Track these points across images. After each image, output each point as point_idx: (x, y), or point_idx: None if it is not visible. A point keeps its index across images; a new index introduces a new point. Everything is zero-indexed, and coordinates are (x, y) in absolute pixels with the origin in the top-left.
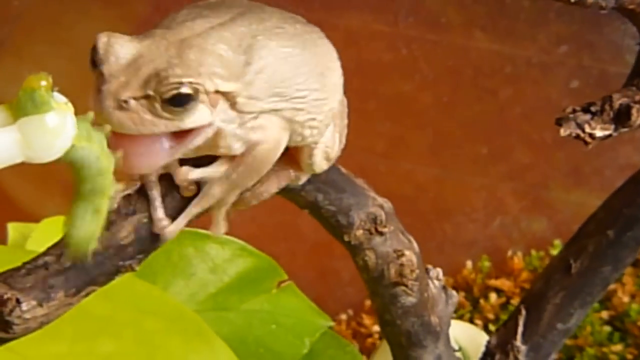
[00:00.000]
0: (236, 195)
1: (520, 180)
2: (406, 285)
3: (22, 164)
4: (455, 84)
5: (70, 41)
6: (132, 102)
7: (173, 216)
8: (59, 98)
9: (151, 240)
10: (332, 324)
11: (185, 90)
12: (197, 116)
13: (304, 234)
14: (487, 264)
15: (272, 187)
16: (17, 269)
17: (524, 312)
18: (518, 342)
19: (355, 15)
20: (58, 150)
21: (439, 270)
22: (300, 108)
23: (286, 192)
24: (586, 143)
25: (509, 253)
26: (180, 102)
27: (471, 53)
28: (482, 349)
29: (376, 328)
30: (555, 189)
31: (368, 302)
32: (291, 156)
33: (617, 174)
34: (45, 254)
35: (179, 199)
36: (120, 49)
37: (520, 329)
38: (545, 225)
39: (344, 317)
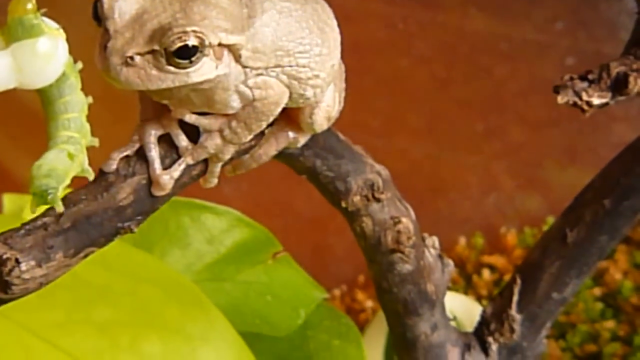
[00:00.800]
0: (232, 151)
1: (514, 158)
2: (403, 252)
3: (17, 135)
4: (451, 61)
5: (67, 14)
6: (138, 58)
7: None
8: (51, 24)
9: (150, 201)
10: (327, 295)
11: (190, 41)
12: (203, 69)
13: (299, 209)
14: (480, 240)
15: (271, 149)
16: (17, 229)
17: (519, 281)
18: (513, 311)
19: None
20: (50, 75)
21: (435, 239)
22: (303, 64)
23: (285, 157)
24: (583, 111)
25: (503, 230)
26: (186, 54)
27: (466, 31)
28: (477, 319)
29: (369, 304)
30: (549, 167)
31: (362, 278)
32: (290, 117)
33: (611, 152)
34: (44, 214)
35: (176, 160)
36: (124, 4)
37: (515, 298)
38: (539, 203)
39: (337, 292)
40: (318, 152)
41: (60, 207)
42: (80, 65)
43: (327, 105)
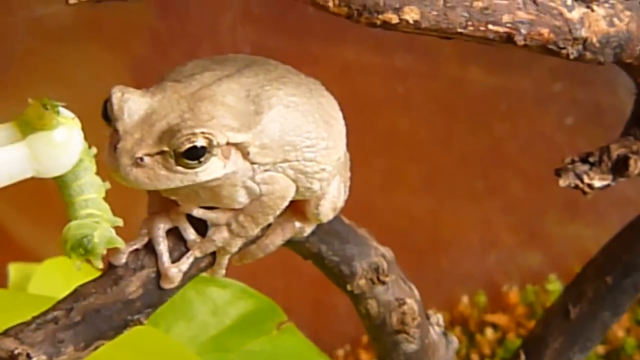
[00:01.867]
0: (239, 244)
1: (515, 214)
2: (408, 333)
3: (22, 202)
4: (450, 117)
5: (70, 82)
6: (147, 159)
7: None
8: (66, 113)
9: (159, 294)
10: None
11: (199, 142)
12: (211, 168)
13: (301, 269)
14: (483, 298)
15: (278, 239)
16: (27, 323)
17: (523, 356)
18: None
19: (350, 48)
20: (67, 163)
21: (439, 316)
22: (310, 158)
23: (290, 243)
24: (585, 193)
25: (505, 288)
26: (194, 155)
27: (465, 86)
28: None
29: None
30: (550, 223)
31: (365, 338)
32: (296, 207)
33: (612, 208)
34: (54, 308)
35: (185, 253)
36: (134, 105)
37: None
38: (540, 260)
39: (341, 352)
40: (323, 237)
41: (101, 251)
42: (95, 150)
43: (332, 197)
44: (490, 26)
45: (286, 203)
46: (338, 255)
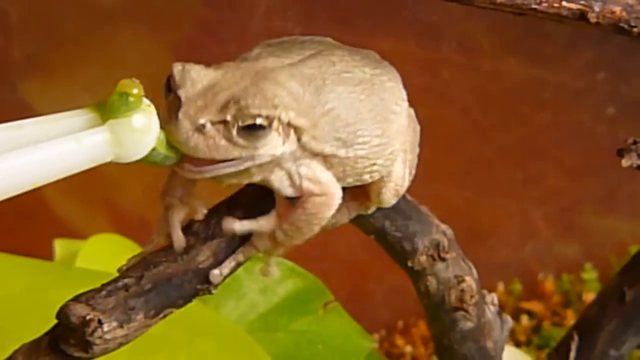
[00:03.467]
0: (282, 250)
1: (552, 205)
2: (466, 311)
3: (67, 180)
4: (488, 107)
5: (121, 64)
6: (209, 126)
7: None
8: (144, 99)
9: None
10: (376, 345)
11: (262, 116)
12: (270, 145)
13: (339, 255)
14: (518, 286)
15: (343, 218)
16: (98, 290)
17: (576, 337)
18: None
19: (390, 38)
20: (145, 148)
21: (494, 296)
22: (361, 155)
23: (354, 218)
24: None
25: (540, 276)
26: (256, 128)
27: (503, 77)
28: None
29: (408, 349)
30: (587, 214)
31: (400, 323)
32: (360, 189)
33: None
34: (124, 276)
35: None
36: (196, 75)
37: (572, 354)
38: (576, 250)
39: (376, 337)
40: (387, 213)
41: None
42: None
43: (395, 184)
44: (564, 3)
45: (331, 212)
46: (401, 232)
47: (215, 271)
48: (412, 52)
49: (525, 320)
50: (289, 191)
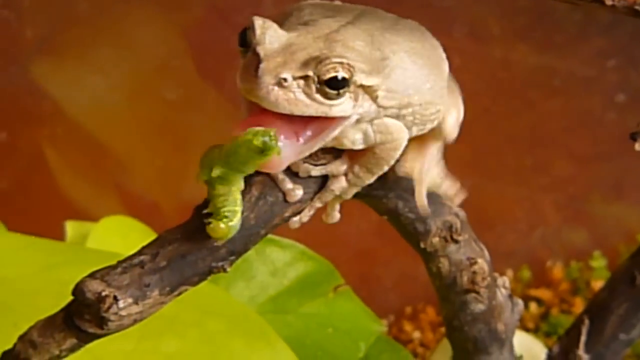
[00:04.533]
0: (354, 192)
1: (561, 192)
2: (477, 292)
3: (78, 162)
4: (497, 94)
5: (132, 46)
6: (291, 81)
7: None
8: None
9: (244, 241)
10: (385, 328)
11: (342, 73)
12: (344, 105)
13: (348, 240)
14: (527, 273)
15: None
16: (113, 267)
17: (587, 321)
18: (581, 351)
19: None
20: None
21: (505, 279)
22: (429, 100)
23: (368, 198)
24: None
25: (549, 264)
26: (334, 85)
27: (513, 64)
28: (542, 356)
29: (417, 335)
30: (596, 202)
31: (409, 309)
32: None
33: None
34: (139, 253)
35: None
36: (274, 34)
37: (583, 338)
38: (585, 237)
39: (384, 323)
40: (400, 193)
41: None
42: None
43: (454, 118)
44: None
45: (398, 153)
46: (414, 213)
47: (295, 219)
48: None
49: (533, 307)
50: (359, 147)
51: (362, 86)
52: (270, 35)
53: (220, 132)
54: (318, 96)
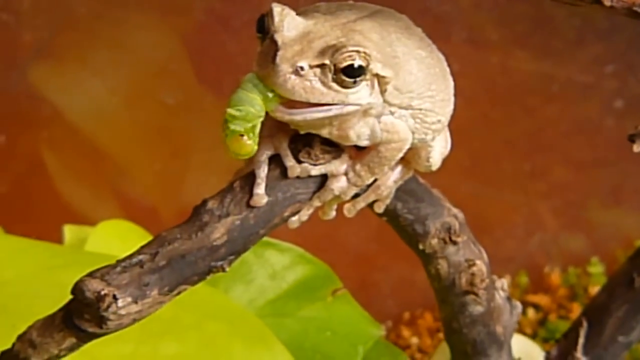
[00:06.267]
0: (353, 192)
1: (559, 198)
2: (476, 294)
3: (77, 166)
4: (496, 100)
5: (131, 50)
6: (307, 69)
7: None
8: None
9: (243, 241)
10: (384, 332)
11: (358, 62)
12: (360, 93)
13: (346, 246)
14: (525, 279)
15: (388, 181)
16: (113, 266)
17: (585, 324)
18: (579, 353)
19: None
20: None
21: (504, 281)
22: (429, 108)
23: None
24: None
25: (547, 269)
26: (351, 74)
27: (511, 70)
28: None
29: (414, 340)
30: (594, 208)
31: (407, 315)
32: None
33: None
34: (139, 252)
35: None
36: (292, 21)
37: (581, 341)
38: (583, 243)
39: (382, 328)
40: (400, 195)
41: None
42: None
43: (441, 147)
44: None
45: (401, 154)
46: (413, 214)
47: (294, 218)
48: None
49: (531, 313)
50: (365, 143)
51: (377, 75)
52: (288, 23)
53: (219, 136)
54: (334, 84)
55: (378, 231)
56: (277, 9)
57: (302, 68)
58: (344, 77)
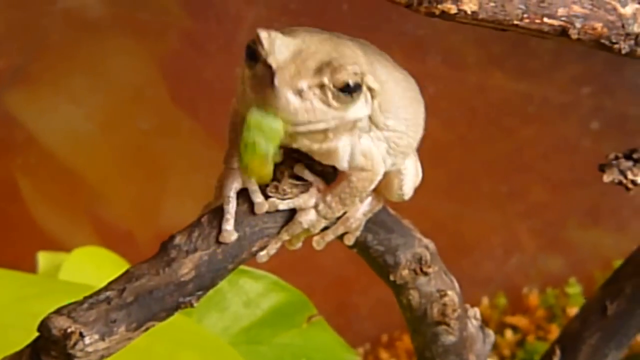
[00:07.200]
0: (322, 225)
1: (537, 219)
2: (448, 325)
3: (51, 193)
4: (474, 121)
5: (107, 75)
6: (307, 91)
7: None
8: None
9: (211, 277)
10: (359, 358)
11: (354, 78)
12: (358, 107)
13: (324, 268)
14: (503, 300)
15: (357, 213)
16: (80, 302)
17: (558, 352)
18: None
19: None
20: None
21: (477, 310)
22: (404, 131)
23: None
24: (628, 189)
25: (525, 290)
26: (349, 90)
27: (489, 91)
28: None
29: None
30: (572, 228)
31: (385, 337)
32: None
33: (633, 214)
34: (106, 288)
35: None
36: (282, 42)
37: None
38: (561, 264)
39: (361, 350)
40: (370, 226)
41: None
42: None
43: (413, 176)
44: (545, 19)
45: (372, 186)
46: (383, 245)
47: (262, 252)
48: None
49: (509, 334)
50: (344, 164)
51: (369, 88)
52: (278, 45)
53: (195, 160)
54: (334, 102)
55: (354, 253)
56: (263, 34)
57: (302, 89)
58: (342, 95)
